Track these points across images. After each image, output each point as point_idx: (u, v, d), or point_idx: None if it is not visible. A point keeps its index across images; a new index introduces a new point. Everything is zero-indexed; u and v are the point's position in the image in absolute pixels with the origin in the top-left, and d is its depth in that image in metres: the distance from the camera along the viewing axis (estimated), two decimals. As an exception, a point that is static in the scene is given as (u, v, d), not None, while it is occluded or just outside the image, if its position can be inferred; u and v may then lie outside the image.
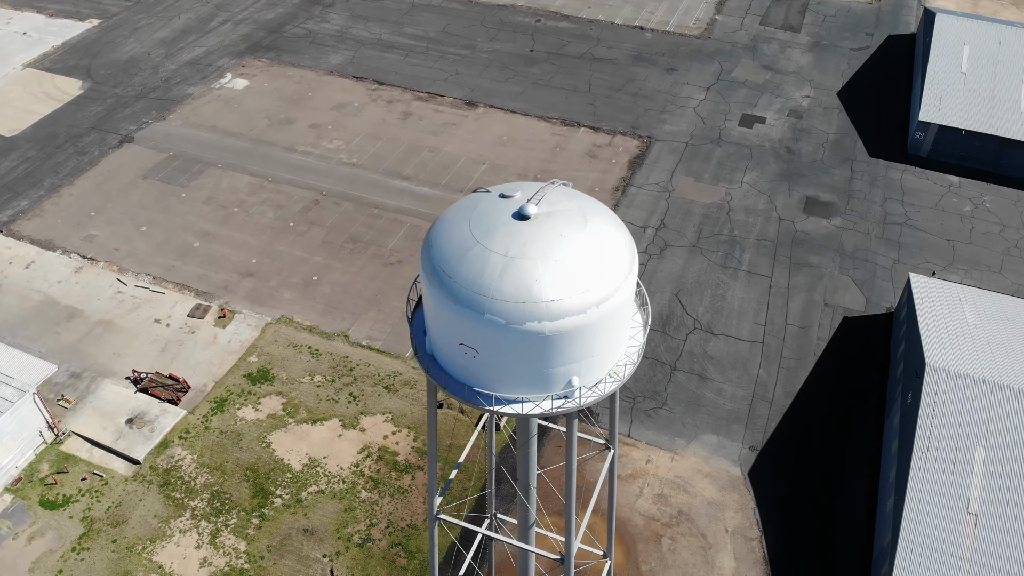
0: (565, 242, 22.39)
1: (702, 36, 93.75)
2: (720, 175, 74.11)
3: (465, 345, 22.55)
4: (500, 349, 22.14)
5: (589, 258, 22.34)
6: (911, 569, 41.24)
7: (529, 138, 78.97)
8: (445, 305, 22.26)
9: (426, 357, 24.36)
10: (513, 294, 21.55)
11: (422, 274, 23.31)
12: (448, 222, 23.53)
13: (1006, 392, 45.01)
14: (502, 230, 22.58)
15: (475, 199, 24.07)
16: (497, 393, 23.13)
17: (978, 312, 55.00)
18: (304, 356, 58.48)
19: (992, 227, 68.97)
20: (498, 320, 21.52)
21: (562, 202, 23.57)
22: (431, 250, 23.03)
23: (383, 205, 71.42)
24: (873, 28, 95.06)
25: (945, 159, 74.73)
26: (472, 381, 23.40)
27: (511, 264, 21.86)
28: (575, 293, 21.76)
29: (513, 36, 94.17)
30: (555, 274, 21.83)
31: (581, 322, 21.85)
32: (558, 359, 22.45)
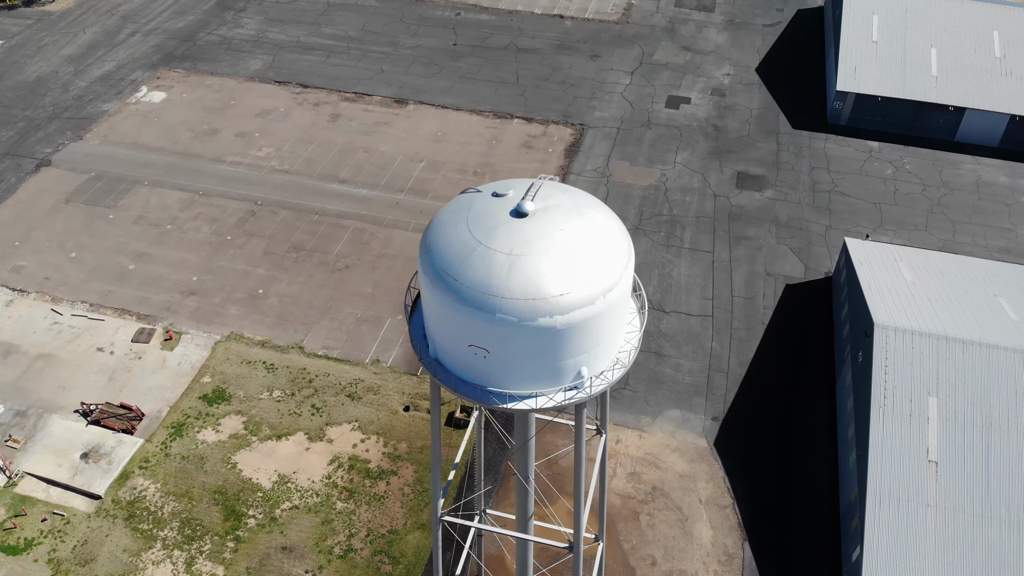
0: (566, 236, 22.61)
1: (621, 21, 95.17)
2: (654, 157, 75.60)
3: (475, 346, 22.56)
4: (512, 347, 22.24)
5: (591, 249, 22.64)
6: (881, 518, 43.28)
7: (464, 132, 78.80)
8: (454, 308, 22.21)
9: (432, 362, 24.25)
10: (522, 291, 21.67)
11: (424, 279, 23.16)
12: (445, 225, 23.43)
13: (951, 343, 47.58)
14: (502, 229, 22.65)
15: (468, 200, 24.03)
16: (510, 390, 23.24)
17: (913, 269, 57.88)
18: (260, 372, 57.11)
19: (914, 187, 72.53)
20: (510, 318, 21.61)
21: (555, 197, 23.78)
22: (432, 254, 22.91)
23: (323, 211, 70.17)
24: (783, 3, 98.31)
25: (864, 126, 78.11)
26: (482, 380, 23.43)
27: (517, 262, 21.96)
28: (582, 285, 22.04)
29: (434, 31, 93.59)
30: (561, 268, 22.05)
31: (590, 313, 22.16)
32: (568, 351, 22.70)
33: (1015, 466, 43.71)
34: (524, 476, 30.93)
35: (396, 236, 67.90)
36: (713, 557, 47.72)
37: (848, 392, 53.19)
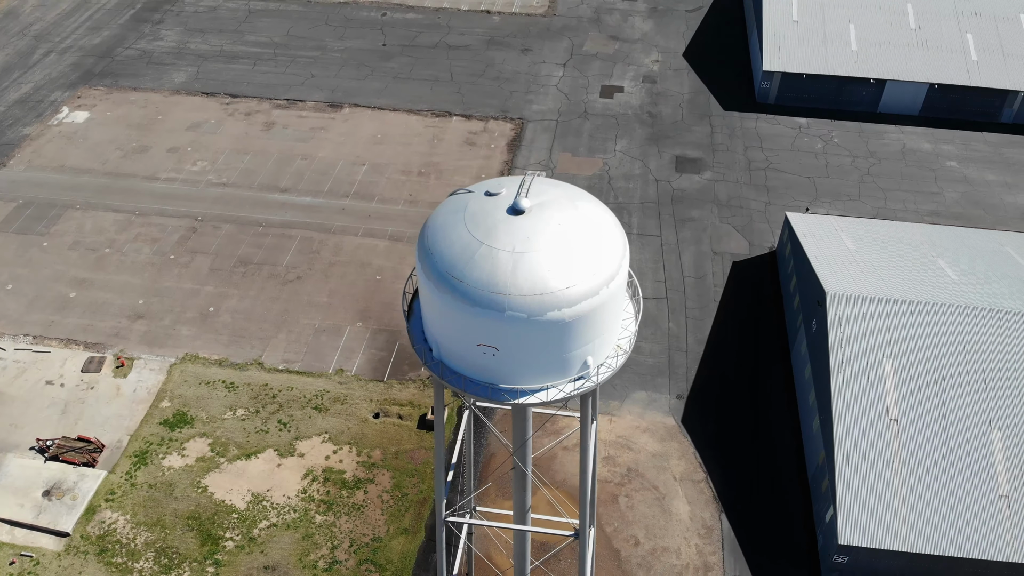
0: (565, 229, 22.90)
1: (547, 14, 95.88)
2: (594, 147, 76.58)
3: (484, 345, 22.66)
4: (522, 343, 22.44)
5: (590, 242, 22.99)
6: (850, 478, 45.10)
7: (403, 133, 78.25)
8: (460, 310, 22.25)
9: (438, 365, 24.23)
10: (530, 287, 21.87)
11: (425, 283, 23.12)
12: (442, 227, 23.42)
13: (900, 306, 49.81)
14: (501, 227, 22.78)
15: (461, 200, 24.07)
16: (520, 386, 23.43)
17: (854, 238, 60.27)
18: (220, 392, 55.73)
19: (844, 160, 75.40)
20: (519, 315, 21.79)
21: (547, 192, 24.03)
22: (433, 258, 22.88)
23: (267, 222, 68.76)
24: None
25: (791, 103, 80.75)
26: (491, 378, 23.56)
27: (521, 259, 22.14)
28: (586, 277, 22.37)
29: (362, 32, 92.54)
30: (564, 262, 22.33)
31: (596, 303, 22.52)
32: (575, 343, 23.02)
33: (969, 417, 46.12)
34: (522, 470, 31.18)
35: (346, 242, 67.08)
36: (693, 531, 48.92)
37: (805, 360, 55.12)
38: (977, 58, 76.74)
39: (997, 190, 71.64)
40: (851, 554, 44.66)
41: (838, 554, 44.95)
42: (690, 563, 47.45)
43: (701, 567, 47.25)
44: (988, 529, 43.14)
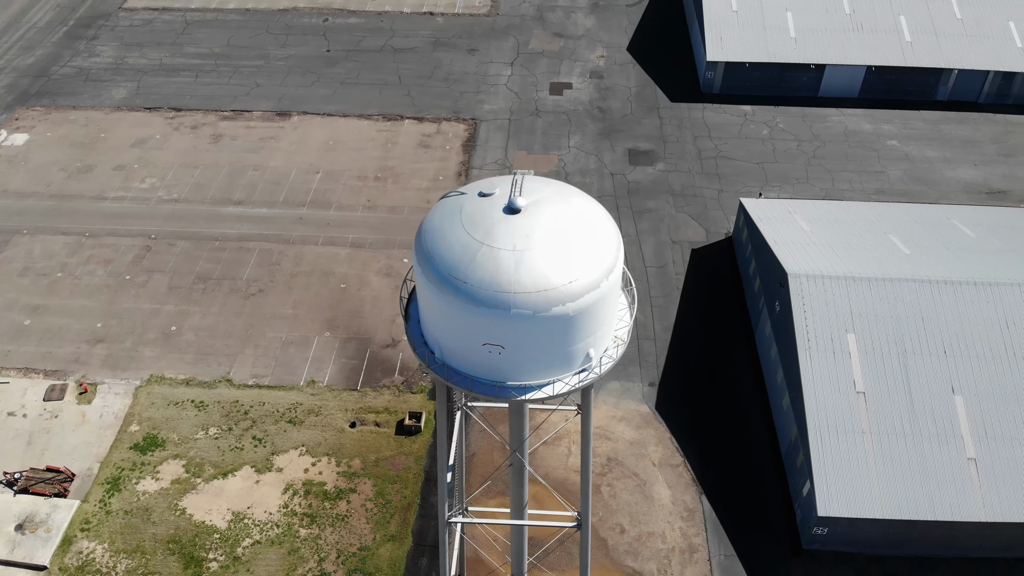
0: (562, 225, 23.21)
1: (491, 13, 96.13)
2: (548, 143, 77.15)
3: (490, 344, 22.83)
4: (528, 340, 22.67)
5: (587, 236, 23.35)
6: (825, 450, 46.48)
7: (356, 139, 77.63)
8: (466, 311, 22.38)
9: (442, 367, 24.31)
10: (533, 284, 22.13)
11: (427, 286, 23.17)
12: (439, 230, 23.51)
13: (860, 283, 51.47)
14: (499, 227, 22.98)
15: (456, 202, 24.18)
16: (526, 382, 23.67)
17: (808, 220, 62.01)
18: (190, 412, 54.60)
19: (790, 144, 77.43)
20: (525, 312, 22.03)
21: (539, 190, 24.31)
22: (433, 261, 22.95)
23: (223, 236, 67.53)
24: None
25: (736, 92, 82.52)
26: (496, 376, 23.74)
27: (523, 257, 22.37)
28: (587, 271, 22.72)
29: (304, 39, 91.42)
30: (565, 257, 22.64)
31: (597, 296, 22.89)
32: (579, 336, 23.37)
33: (932, 385, 47.93)
34: (519, 466, 31.43)
35: (307, 252, 66.30)
36: (676, 515, 49.82)
37: (770, 341, 56.54)
38: (911, 39, 79.61)
39: (938, 165, 74.46)
40: (830, 525, 46.07)
41: (817, 526, 46.31)
42: (675, 546, 48.32)
43: (686, 549, 48.17)
44: (958, 492, 44.94)
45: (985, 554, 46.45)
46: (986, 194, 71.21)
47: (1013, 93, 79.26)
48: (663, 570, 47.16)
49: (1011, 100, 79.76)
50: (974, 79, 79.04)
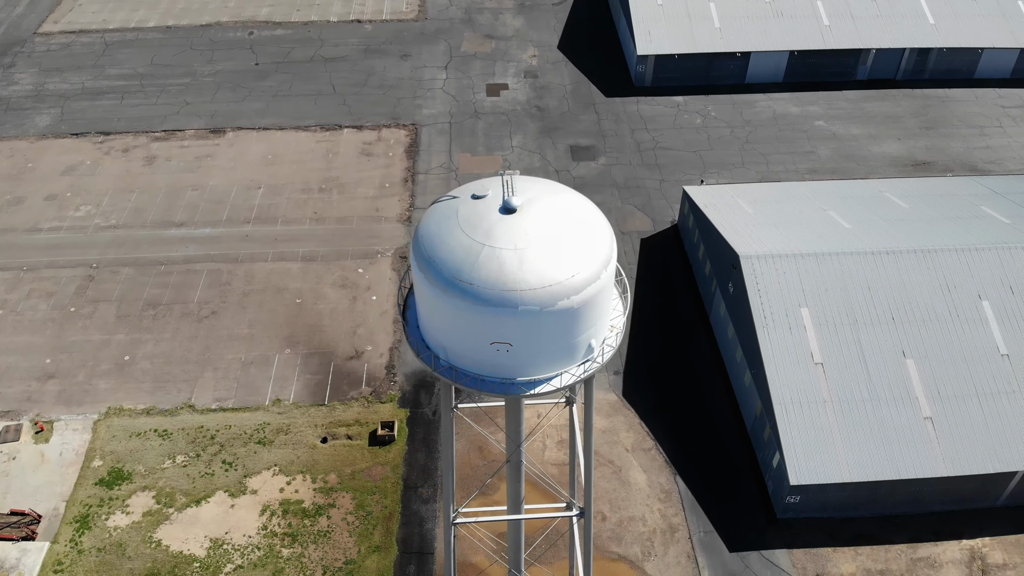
0: (559, 221, 23.73)
1: (419, 18, 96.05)
2: (491, 145, 77.64)
3: (498, 343, 23.19)
4: (535, 335, 23.10)
5: (583, 230, 23.92)
6: (790, 422, 48.26)
7: (296, 151, 76.60)
8: (473, 311, 22.67)
9: (449, 370, 24.54)
10: (538, 281, 22.58)
11: (431, 291, 23.37)
12: (438, 234, 23.74)
13: (808, 258, 53.53)
14: (498, 227, 23.36)
15: (449, 207, 24.44)
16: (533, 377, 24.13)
17: (750, 202, 64.12)
18: (154, 441, 53.15)
19: (723, 131, 79.79)
20: (532, 308, 22.47)
21: (530, 189, 24.78)
22: (436, 265, 23.17)
23: (168, 259, 65.83)
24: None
25: (667, 83, 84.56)
26: (505, 374, 24.11)
27: (525, 255, 22.79)
28: (587, 263, 23.30)
29: (231, 53, 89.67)
30: (566, 252, 23.16)
31: (598, 287, 23.50)
32: (582, 328, 23.93)
33: (885, 351, 50.26)
34: (515, 461, 31.85)
35: (257, 270, 65.21)
36: (654, 497, 50.99)
37: (726, 321, 58.31)
38: (829, 23, 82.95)
39: (864, 142, 77.84)
40: (802, 493, 47.91)
41: (790, 495, 48.09)
42: (656, 527, 49.46)
43: (667, 529, 49.37)
44: (918, 450, 47.30)
45: (947, 508, 49.01)
46: (912, 166, 74.84)
47: (928, 68, 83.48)
48: (647, 552, 48.24)
49: (927, 75, 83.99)
50: (891, 57, 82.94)
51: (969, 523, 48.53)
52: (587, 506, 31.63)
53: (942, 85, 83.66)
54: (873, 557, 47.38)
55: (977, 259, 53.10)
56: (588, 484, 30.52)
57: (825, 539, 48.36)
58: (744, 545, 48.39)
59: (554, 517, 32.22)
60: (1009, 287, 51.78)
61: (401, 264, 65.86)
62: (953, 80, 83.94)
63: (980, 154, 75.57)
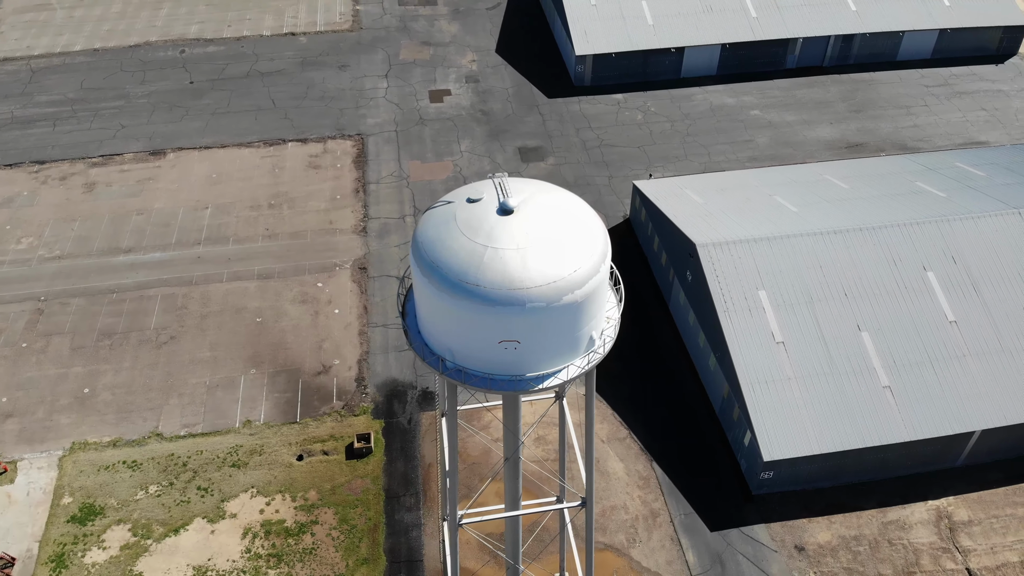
0: (555, 219, 24.38)
1: (354, 28, 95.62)
2: (440, 151, 77.89)
3: (506, 341, 23.70)
4: (543, 331, 23.68)
5: (579, 226, 24.62)
6: (758, 401, 49.93)
7: (241, 168, 75.49)
8: (481, 312, 23.12)
9: (459, 372, 24.92)
10: (543, 278, 23.17)
11: (437, 295, 23.72)
12: (438, 239, 24.11)
13: (761, 243, 55.44)
14: (498, 228, 23.88)
15: (446, 212, 24.84)
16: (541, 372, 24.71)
17: (699, 193, 65.96)
18: (123, 474, 51.83)
19: (664, 126, 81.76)
20: (539, 304, 23.05)
21: (522, 189, 25.38)
22: (441, 270, 23.54)
23: (119, 287, 64.19)
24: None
25: (606, 82, 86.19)
26: (512, 371, 24.63)
27: (528, 253, 23.36)
28: (587, 257, 24.01)
29: (163, 73, 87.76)
30: (566, 248, 23.82)
31: (599, 280, 24.25)
32: (584, 320, 24.63)
33: (840, 326, 52.43)
34: (515, 459, 32.38)
35: (213, 291, 64.11)
36: (632, 485, 52.09)
37: (686, 309, 59.91)
38: (756, 15, 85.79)
39: (798, 128, 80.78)
40: (775, 468, 49.64)
41: (764, 471, 49.78)
42: (638, 514, 50.57)
43: (649, 515, 50.51)
44: (880, 418, 49.52)
45: (912, 471, 51.43)
46: (845, 148, 78.03)
47: (853, 53, 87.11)
48: (632, 539, 49.29)
49: (852, 60, 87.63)
50: (817, 45, 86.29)
51: (933, 484, 51.05)
52: (588, 496, 32.37)
53: (867, 69, 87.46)
54: (846, 524, 49.42)
55: (919, 233, 55.85)
56: (590, 473, 31.24)
57: (800, 511, 50.21)
58: (724, 524, 49.87)
59: (558, 508, 32.79)
60: (951, 257, 54.64)
61: (361, 276, 65.63)
62: (877, 64, 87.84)
63: (908, 132, 79.29)
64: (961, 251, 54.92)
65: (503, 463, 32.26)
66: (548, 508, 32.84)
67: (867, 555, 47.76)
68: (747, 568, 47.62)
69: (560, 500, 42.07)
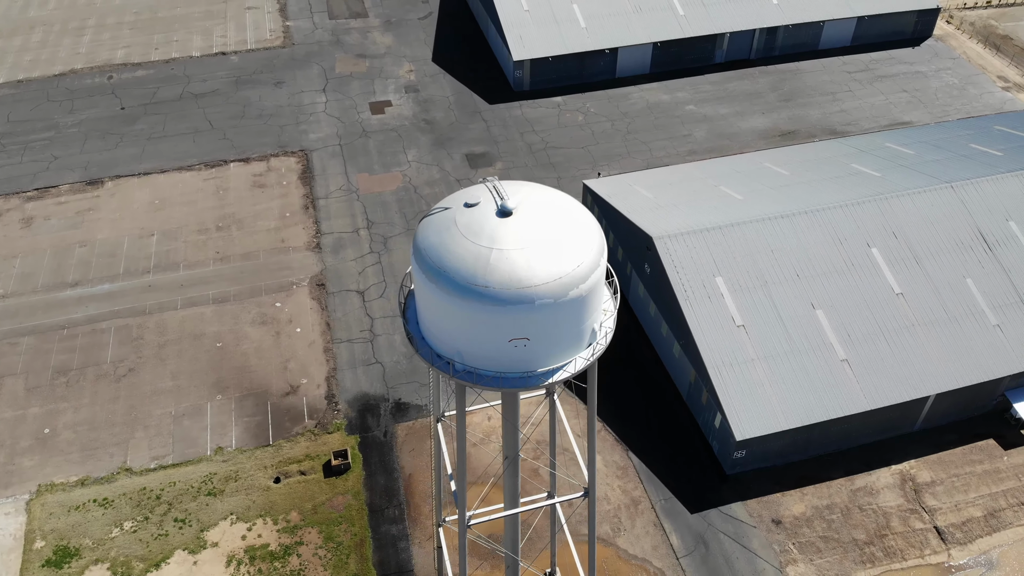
0: (553, 217, 25.10)
1: (286, 44, 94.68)
2: (387, 162, 77.85)
3: (516, 339, 24.31)
4: (551, 326, 24.36)
5: (576, 223, 25.41)
6: (726, 384, 51.63)
7: (183, 192, 73.99)
8: (491, 312, 23.66)
9: (470, 374, 25.39)
10: (549, 275, 23.86)
11: (446, 299, 24.15)
12: (442, 245, 24.55)
13: (714, 231, 57.24)
14: (500, 230, 24.47)
15: (445, 219, 25.31)
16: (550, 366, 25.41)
17: (648, 188, 67.69)
18: (96, 512, 50.35)
19: (604, 125, 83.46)
20: (547, 301, 23.75)
21: (518, 191, 26.04)
22: (448, 274, 23.99)
23: (70, 322, 62.26)
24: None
25: (545, 85, 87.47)
26: (521, 368, 25.25)
27: (531, 253, 24.02)
28: (586, 251, 24.82)
29: (92, 100, 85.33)
30: (567, 244, 24.57)
31: (600, 273, 25.11)
32: (588, 312, 25.43)
33: (796, 306, 54.59)
34: (515, 457, 32.97)
35: (168, 319, 62.74)
36: (612, 475, 53.17)
37: (646, 301, 61.43)
38: (684, 12, 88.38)
39: (732, 120, 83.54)
40: (747, 447, 51.39)
41: (737, 450, 51.48)
42: (620, 503, 51.66)
43: (630, 503, 51.66)
44: (840, 391, 51.78)
45: (874, 439, 53.91)
46: (779, 136, 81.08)
47: (778, 45, 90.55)
48: (616, 528, 50.34)
49: (777, 52, 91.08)
50: (743, 39, 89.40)
51: (895, 450, 53.63)
52: (591, 485, 33.18)
53: (792, 59, 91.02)
54: (818, 495, 51.51)
55: (860, 212, 58.58)
56: (592, 463, 32.05)
57: (773, 486, 52.10)
58: (703, 505, 51.37)
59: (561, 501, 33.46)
60: (892, 233, 57.51)
61: (320, 292, 65.15)
62: (801, 53, 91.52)
63: (837, 118, 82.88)
64: (901, 227, 57.86)
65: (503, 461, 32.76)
66: (551, 502, 33.51)
67: (840, 522, 49.89)
68: (729, 545, 49.20)
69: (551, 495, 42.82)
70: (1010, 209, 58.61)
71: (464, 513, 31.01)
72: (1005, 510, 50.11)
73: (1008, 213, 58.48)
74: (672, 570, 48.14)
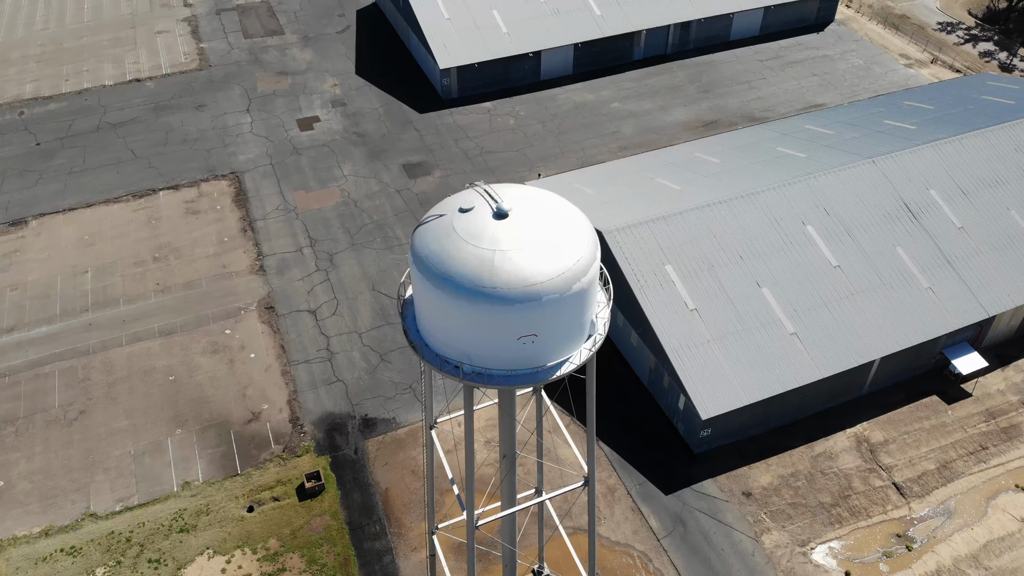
0: (546, 216, 25.90)
1: (202, 67, 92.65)
2: (322, 178, 77.16)
3: (524, 336, 25.00)
4: (558, 321, 25.13)
5: (570, 220, 26.27)
6: (686, 366, 53.43)
7: (113, 225, 71.63)
8: (500, 312, 24.26)
9: (480, 376, 25.92)
10: (552, 271, 24.62)
11: (454, 303, 24.59)
12: (444, 251, 25.01)
13: (658, 222, 59.08)
14: (500, 232, 25.11)
15: (441, 226, 25.77)
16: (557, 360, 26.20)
17: (588, 185, 69.29)
18: (64, 562, 48.43)
19: (536, 127, 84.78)
20: (553, 296, 24.54)
21: (506, 193, 26.75)
22: (454, 279, 24.46)
23: (10, 369, 59.58)
24: (341, 8, 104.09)
25: (473, 92, 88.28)
26: (530, 365, 25.95)
27: (533, 252, 24.76)
28: (583, 245, 25.72)
29: (5, 138, 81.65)
30: (565, 240, 25.40)
31: (597, 264, 26.07)
32: (588, 304, 26.32)
33: (742, 286, 56.90)
34: (512, 453, 33.60)
35: (114, 357, 60.75)
36: (586, 470, 54.26)
37: (598, 296, 62.85)
38: (600, 12, 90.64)
39: (657, 114, 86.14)
40: (712, 425, 53.34)
41: (702, 429, 53.38)
42: (597, 492, 52.80)
43: (607, 491, 52.89)
44: (792, 363, 54.28)
45: (827, 406, 56.70)
46: (702, 127, 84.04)
47: (692, 39, 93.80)
48: (596, 517, 51.44)
49: (692, 45, 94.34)
50: (659, 35, 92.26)
51: (847, 414, 56.54)
52: (590, 475, 34.09)
53: (706, 52, 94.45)
54: (782, 464, 53.87)
55: (792, 192, 61.49)
56: (591, 456, 32.94)
57: (739, 460, 54.19)
58: (676, 486, 53.03)
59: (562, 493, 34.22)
60: (824, 209, 60.59)
61: (270, 315, 64.15)
62: (714, 46, 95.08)
63: (755, 105, 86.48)
64: (831, 203, 61.02)
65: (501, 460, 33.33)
66: (553, 495, 34.26)
67: (806, 488, 52.34)
68: (705, 522, 50.96)
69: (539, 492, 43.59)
70: (929, 178, 62.59)
71: (472, 514, 31.46)
72: (956, 461, 53.54)
73: (928, 182, 62.44)
74: (655, 552, 49.59)
